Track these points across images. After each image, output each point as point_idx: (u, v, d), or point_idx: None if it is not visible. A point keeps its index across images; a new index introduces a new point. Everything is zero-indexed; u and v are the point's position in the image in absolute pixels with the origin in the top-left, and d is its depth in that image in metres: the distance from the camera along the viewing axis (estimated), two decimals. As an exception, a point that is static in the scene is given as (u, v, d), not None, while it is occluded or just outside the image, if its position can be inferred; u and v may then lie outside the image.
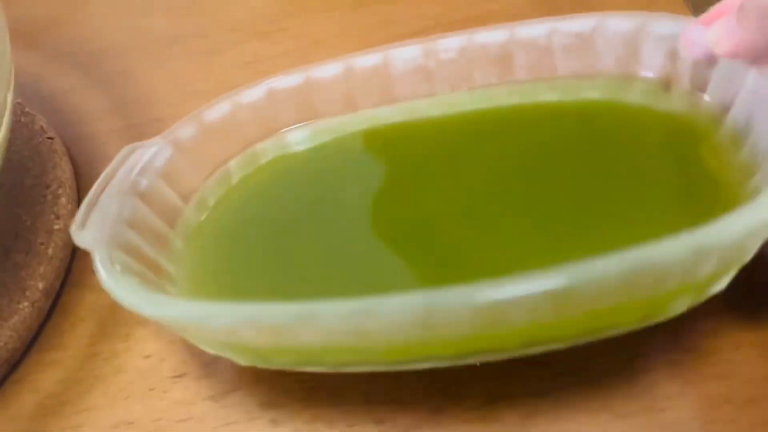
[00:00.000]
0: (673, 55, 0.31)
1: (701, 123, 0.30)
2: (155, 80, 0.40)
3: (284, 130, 0.34)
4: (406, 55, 0.34)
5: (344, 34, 0.41)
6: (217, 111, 0.33)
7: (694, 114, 0.31)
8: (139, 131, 0.38)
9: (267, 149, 0.33)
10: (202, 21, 0.43)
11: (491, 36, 0.33)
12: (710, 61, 0.30)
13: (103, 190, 0.28)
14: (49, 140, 0.36)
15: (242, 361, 0.26)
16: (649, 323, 0.23)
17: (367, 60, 0.33)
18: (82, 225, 0.27)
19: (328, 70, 0.33)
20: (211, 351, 0.26)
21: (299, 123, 0.34)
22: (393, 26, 0.41)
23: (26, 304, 0.31)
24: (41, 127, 0.37)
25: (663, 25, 0.31)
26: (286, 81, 0.34)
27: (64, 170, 0.35)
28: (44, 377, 0.30)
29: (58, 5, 0.45)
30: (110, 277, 0.25)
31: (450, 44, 0.33)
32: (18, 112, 0.37)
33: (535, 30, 0.33)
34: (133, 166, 0.30)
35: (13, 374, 0.30)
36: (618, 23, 0.32)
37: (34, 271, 0.31)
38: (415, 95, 0.34)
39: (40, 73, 0.41)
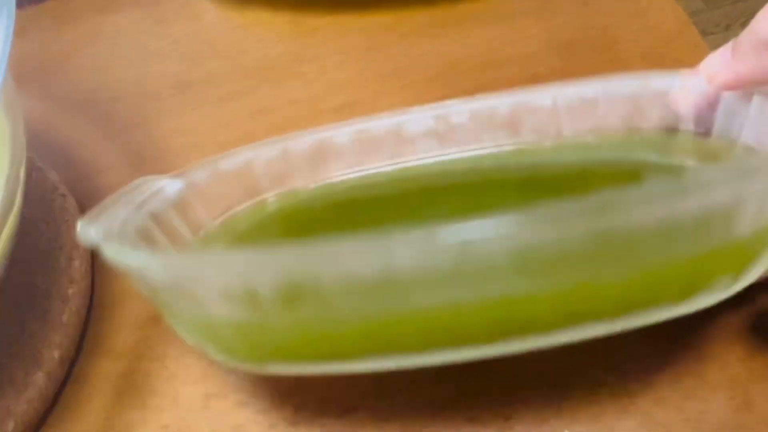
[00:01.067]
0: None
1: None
2: (167, 131, 0.40)
3: (294, 187, 0.34)
4: (418, 118, 0.34)
5: (358, 79, 0.41)
6: (232, 161, 0.33)
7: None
8: (152, 186, 0.38)
9: (275, 202, 0.33)
10: (212, 67, 0.43)
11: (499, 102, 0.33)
12: (710, 103, 0.30)
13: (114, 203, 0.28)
14: (62, 198, 0.36)
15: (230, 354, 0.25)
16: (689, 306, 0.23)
17: (380, 124, 0.34)
18: (91, 222, 0.26)
19: (342, 134, 0.34)
20: (192, 339, 0.26)
21: (310, 181, 0.34)
22: (408, 72, 0.41)
23: (41, 374, 0.30)
24: (53, 184, 0.36)
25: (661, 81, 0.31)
26: (301, 141, 0.34)
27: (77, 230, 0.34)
28: (61, 450, 0.30)
29: (71, 43, 0.45)
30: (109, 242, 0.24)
31: (460, 108, 0.33)
32: (29, 166, 0.37)
33: (541, 95, 0.33)
34: (146, 190, 0.30)
35: (29, 448, 0.30)
36: (621, 86, 0.32)
37: (48, 339, 0.31)
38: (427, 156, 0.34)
39: (49, 125, 0.41)
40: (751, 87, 0.28)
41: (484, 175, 0.34)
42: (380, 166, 0.34)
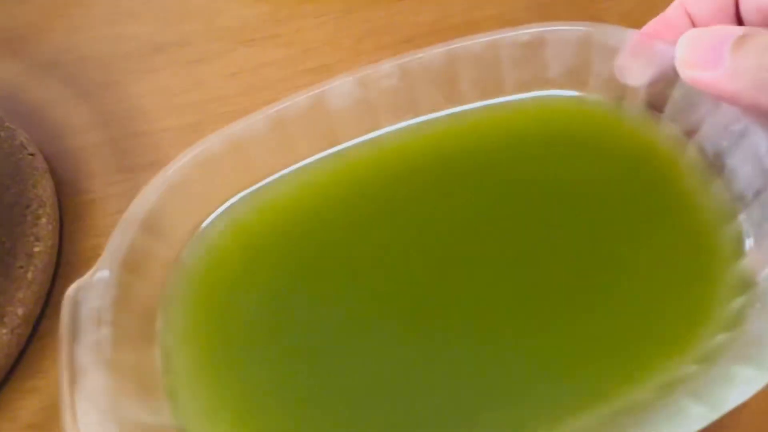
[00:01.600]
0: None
1: (662, 146, 0.29)
2: (139, 91, 0.39)
3: (227, 200, 0.31)
4: (342, 90, 0.31)
5: (335, 42, 0.40)
6: (151, 201, 0.29)
7: (653, 135, 0.30)
8: (123, 145, 0.37)
9: (213, 227, 0.30)
10: (187, 29, 0.42)
11: (432, 56, 0.31)
12: (667, 81, 0.28)
13: (72, 370, 0.24)
14: (30, 156, 0.35)
15: None
16: None
17: (301, 101, 0.31)
18: (76, 429, 0.23)
19: (257, 123, 0.31)
20: None
21: (238, 187, 0.31)
22: (385, 34, 0.40)
23: (5, 331, 0.30)
24: (21, 143, 0.36)
25: (610, 35, 0.30)
26: (214, 145, 0.30)
27: (45, 188, 0.34)
28: (24, 405, 0.30)
29: (39, 12, 0.44)
30: None
31: (388, 70, 0.31)
32: (-4, 128, 0.36)
33: (478, 44, 0.31)
34: (87, 319, 0.25)
35: (-7, 403, 0.29)
36: (565, 32, 0.31)
37: (12, 297, 0.30)
38: (358, 132, 0.32)
39: (20, 84, 0.40)
40: (749, 112, 0.24)
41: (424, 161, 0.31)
42: (307, 152, 0.31)
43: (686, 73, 0.23)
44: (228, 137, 0.30)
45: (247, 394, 0.26)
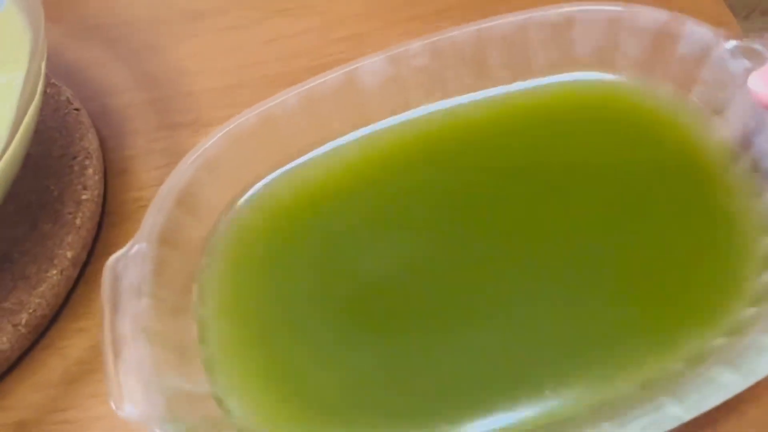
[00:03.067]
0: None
1: (690, 126, 0.30)
2: (179, 55, 0.41)
3: (260, 178, 0.32)
4: (373, 68, 0.32)
5: (368, 12, 0.41)
6: (185, 179, 0.29)
7: (680, 115, 0.30)
8: (163, 104, 0.38)
9: (246, 204, 0.31)
10: (225, -4, 0.43)
11: (462, 35, 0.32)
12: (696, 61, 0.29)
13: (115, 341, 0.25)
14: (76, 111, 0.36)
15: None
16: None
17: (332, 79, 0.31)
18: (120, 398, 0.24)
19: (289, 101, 0.31)
20: None
21: (272, 164, 0.32)
22: (417, 5, 0.41)
23: (54, 272, 0.31)
24: (67, 99, 0.37)
25: (640, 16, 0.30)
26: (245, 122, 0.31)
27: (90, 141, 0.35)
28: (72, 344, 0.31)
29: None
30: None
31: (418, 49, 0.32)
32: (45, 83, 0.37)
33: (507, 25, 0.32)
34: (126, 292, 0.26)
35: (41, 341, 0.31)
36: (595, 12, 0.31)
37: (62, 241, 0.32)
38: (389, 110, 0.32)
39: (64, 45, 0.41)
40: None
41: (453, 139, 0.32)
42: (339, 130, 0.32)
43: None
44: (260, 114, 0.31)
45: (280, 364, 0.27)
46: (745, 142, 0.28)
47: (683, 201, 0.28)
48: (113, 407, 0.23)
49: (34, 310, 0.30)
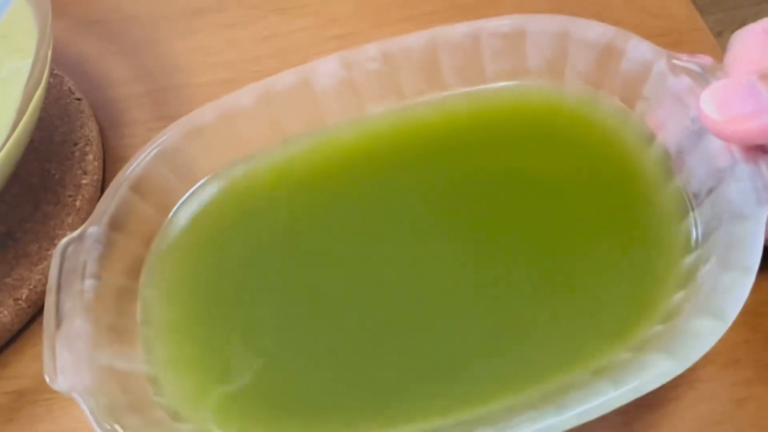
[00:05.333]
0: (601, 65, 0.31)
1: (630, 142, 0.30)
2: (178, 50, 0.42)
3: (216, 169, 0.32)
4: (327, 70, 0.32)
5: (360, 12, 0.43)
6: (141, 167, 0.31)
7: (621, 130, 0.31)
8: (161, 96, 0.40)
9: (200, 194, 0.32)
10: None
11: (415, 41, 0.33)
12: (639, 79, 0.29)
13: (57, 317, 0.26)
14: (77, 101, 0.38)
15: None
16: None
17: (287, 79, 0.32)
18: (54, 371, 0.25)
19: (246, 98, 0.32)
20: None
21: (228, 158, 0.32)
22: (409, 6, 0.43)
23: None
24: (69, 88, 0.39)
25: (592, 31, 0.31)
26: (204, 116, 0.32)
27: (91, 129, 0.37)
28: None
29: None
30: None
31: (372, 53, 0.33)
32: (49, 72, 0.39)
33: (459, 32, 0.32)
34: (74, 270, 0.28)
35: (40, 316, 0.32)
36: (544, 24, 0.32)
37: (62, 221, 0.33)
38: (342, 112, 0.33)
39: (67, 39, 0.43)
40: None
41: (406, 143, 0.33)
42: (292, 130, 0.33)
43: (727, 129, 0.24)
44: (216, 109, 0.32)
45: (217, 350, 0.28)
46: (679, 161, 0.28)
47: (615, 215, 0.30)
48: (46, 379, 0.25)
49: (35, 286, 0.32)
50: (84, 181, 0.35)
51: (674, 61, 0.29)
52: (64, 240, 0.28)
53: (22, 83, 0.30)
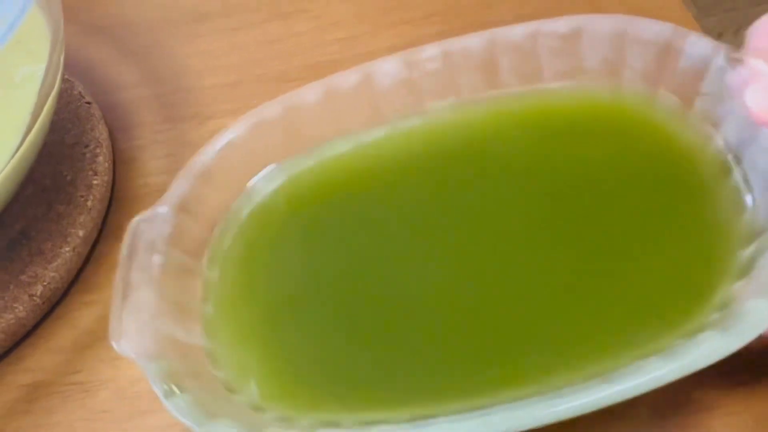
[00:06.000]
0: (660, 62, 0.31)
1: (689, 138, 0.31)
2: (184, 54, 0.43)
3: (279, 162, 0.34)
4: (388, 69, 0.34)
5: (361, 15, 0.44)
6: (210, 156, 0.32)
7: (680, 126, 0.31)
8: (169, 99, 0.41)
9: (264, 184, 0.33)
10: (228, 1, 0.46)
11: (474, 41, 0.33)
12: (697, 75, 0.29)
13: (126, 285, 0.28)
14: (87, 105, 0.39)
15: None
16: None
17: (350, 76, 0.34)
18: (119, 334, 0.27)
19: (310, 95, 0.34)
20: None
21: (291, 152, 0.34)
22: (408, 9, 0.44)
23: (68, 249, 0.34)
24: (79, 93, 0.40)
25: (649, 30, 0.31)
26: (270, 112, 0.33)
27: (101, 132, 0.38)
28: (82, 315, 0.34)
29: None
30: (172, 404, 0.25)
31: (432, 53, 0.34)
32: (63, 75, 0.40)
33: (517, 33, 0.33)
34: (144, 246, 0.29)
35: (54, 312, 0.34)
36: (601, 24, 0.32)
37: (74, 221, 0.34)
38: (403, 110, 0.34)
39: (77, 44, 0.44)
40: None
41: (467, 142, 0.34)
42: (354, 126, 0.34)
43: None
44: (281, 105, 0.33)
45: (275, 332, 0.30)
46: (738, 155, 0.29)
47: (676, 209, 0.30)
48: (111, 342, 0.26)
49: (49, 283, 0.33)
50: (95, 182, 0.36)
51: (733, 54, 0.29)
52: (137, 218, 0.30)
53: (35, 87, 0.31)
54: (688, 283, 0.28)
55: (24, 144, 0.30)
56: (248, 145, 0.33)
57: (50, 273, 0.33)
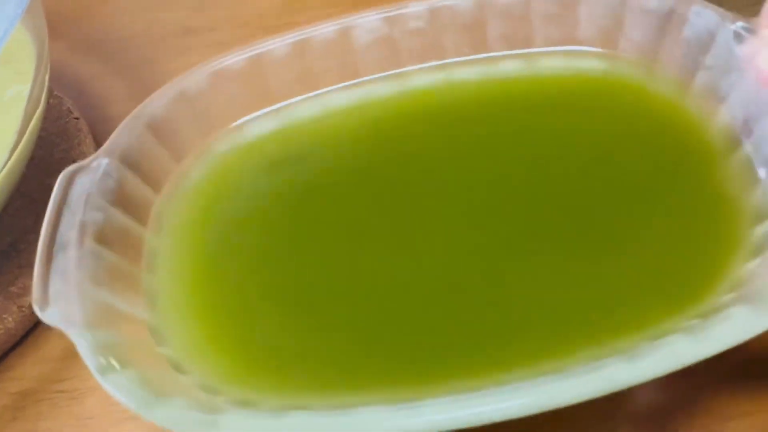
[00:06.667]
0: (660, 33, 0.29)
1: (691, 110, 0.29)
2: (171, 69, 0.44)
3: (239, 121, 0.31)
4: (367, 24, 0.31)
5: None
6: (161, 106, 0.29)
7: (681, 99, 0.29)
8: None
9: (221, 145, 0.30)
10: (215, 16, 0.47)
11: (462, 2, 0.31)
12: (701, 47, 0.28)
13: (52, 243, 0.25)
14: (75, 120, 0.40)
15: None
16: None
17: (325, 31, 0.31)
18: (45, 300, 0.23)
19: (280, 48, 0.31)
20: None
21: (254, 109, 0.31)
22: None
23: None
24: (68, 109, 0.41)
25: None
26: (232, 62, 0.31)
27: (88, 147, 0.39)
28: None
29: (84, -1, 0.49)
30: (109, 382, 0.22)
31: (417, 12, 0.31)
32: (47, 94, 0.41)
33: None
34: (78, 199, 0.26)
35: (42, 323, 0.34)
36: None
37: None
38: (380, 70, 0.31)
39: (65, 60, 0.46)
40: None
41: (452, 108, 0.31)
42: (328, 83, 0.31)
43: None
44: (247, 57, 0.31)
45: (226, 302, 0.27)
46: (747, 129, 0.27)
47: (680, 186, 0.28)
48: (35, 309, 0.23)
49: (38, 293, 0.34)
50: (82, 195, 0.37)
51: (745, 25, 0.27)
52: (72, 166, 0.26)
53: (23, 105, 0.32)
54: (700, 261, 0.26)
55: (11, 160, 0.31)
56: (205, 98, 0.30)
57: (39, 284, 0.34)
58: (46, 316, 0.23)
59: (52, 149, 0.39)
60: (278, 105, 0.31)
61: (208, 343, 0.26)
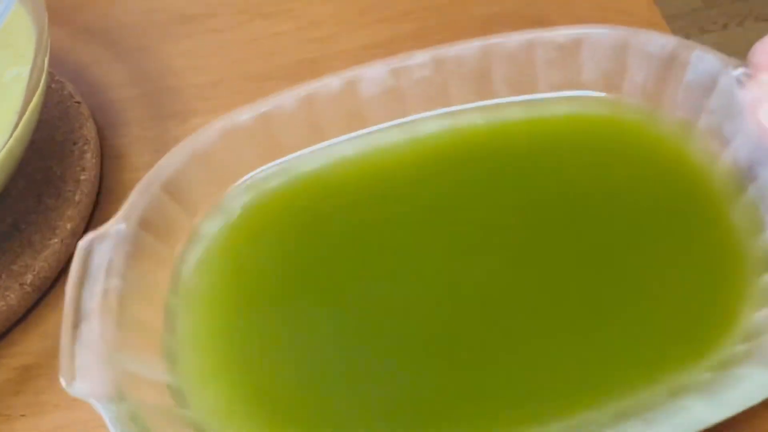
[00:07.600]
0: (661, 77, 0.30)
1: (694, 155, 0.29)
2: (170, 54, 0.45)
3: (250, 174, 0.31)
4: (373, 75, 0.32)
5: (339, 15, 0.46)
6: (175, 167, 0.29)
7: (685, 143, 0.29)
8: (155, 98, 0.43)
9: (233, 201, 0.31)
10: (213, 2, 0.48)
11: (468, 49, 0.32)
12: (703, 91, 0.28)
13: (77, 316, 0.25)
14: (77, 104, 0.41)
15: None
16: None
17: (331, 84, 0.31)
18: (71, 374, 0.24)
19: (288, 103, 0.31)
20: None
21: (264, 163, 0.31)
22: (385, 8, 0.46)
23: (56, 240, 0.36)
24: (69, 93, 0.42)
25: (653, 42, 0.30)
26: (242, 120, 0.31)
27: (89, 130, 0.40)
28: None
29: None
30: None
31: (422, 60, 0.32)
32: (49, 79, 0.42)
33: (514, 42, 0.31)
34: (98, 267, 0.26)
35: (44, 299, 0.35)
36: (603, 35, 0.30)
37: (63, 214, 0.36)
38: (387, 119, 0.32)
39: (67, 46, 0.46)
40: None
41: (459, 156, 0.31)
42: (335, 134, 0.32)
43: None
44: (256, 112, 0.31)
45: (246, 364, 0.27)
46: (751, 174, 0.27)
47: (683, 231, 0.28)
48: (62, 382, 0.24)
49: (38, 272, 0.35)
50: (83, 177, 0.38)
51: (745, 71, 0.27)
52: (90, 234, 0.26)
53: (23, 86, 0.33)
54: (708, 310, 0.26)
55: (10, 140, 0.32)
56: (217, 155, 0.30)
57: (40, 263, 0.35)
58: (74, 389, 0.23)
59: (53, 132, 0.40)
60: (288, 157, 0.32)
61: (227, 403, 0.26)
